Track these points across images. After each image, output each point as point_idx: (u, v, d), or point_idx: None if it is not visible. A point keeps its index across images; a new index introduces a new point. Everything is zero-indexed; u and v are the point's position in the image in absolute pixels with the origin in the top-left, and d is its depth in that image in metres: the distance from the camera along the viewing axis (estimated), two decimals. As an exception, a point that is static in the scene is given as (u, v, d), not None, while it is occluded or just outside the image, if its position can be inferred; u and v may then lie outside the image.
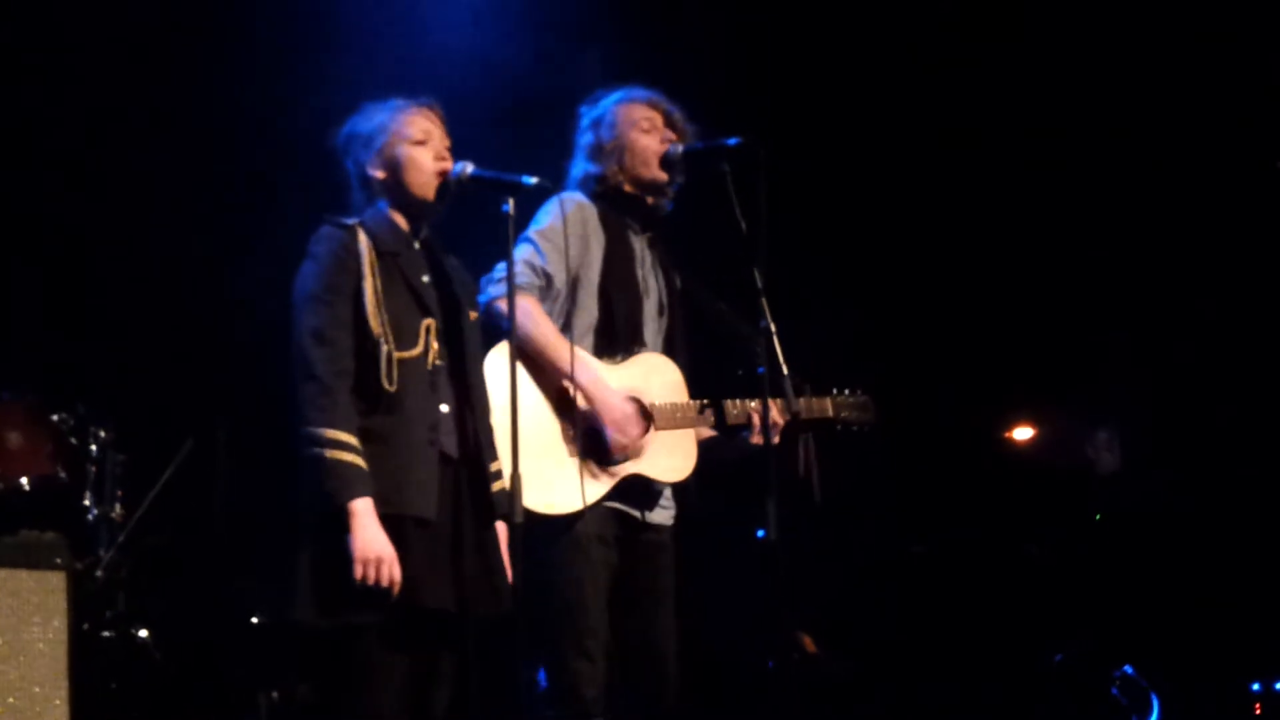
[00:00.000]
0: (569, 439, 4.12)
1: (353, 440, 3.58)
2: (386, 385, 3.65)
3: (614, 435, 4.12)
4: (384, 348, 3.67)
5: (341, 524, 3.53)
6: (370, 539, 3.53)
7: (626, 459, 4.17)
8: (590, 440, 4.13)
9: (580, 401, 4.13)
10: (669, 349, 4.39)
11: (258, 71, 6.22)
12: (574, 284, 4.24)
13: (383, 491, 3.59)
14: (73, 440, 5.54)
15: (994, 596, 7.20)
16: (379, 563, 3.53)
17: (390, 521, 3.58)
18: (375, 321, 3.68)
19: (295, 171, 5.31)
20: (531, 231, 4.22)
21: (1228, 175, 7.07)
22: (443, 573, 3.66)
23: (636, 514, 4.23)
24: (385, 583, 3.54)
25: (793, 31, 6.86)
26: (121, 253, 6.29)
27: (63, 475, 5.40)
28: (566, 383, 4.12)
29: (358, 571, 3.52)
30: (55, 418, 5.49)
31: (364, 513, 3.54)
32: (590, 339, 4.23)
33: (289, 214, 4.85)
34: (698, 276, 4.57)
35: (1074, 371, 7.55)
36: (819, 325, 5.90)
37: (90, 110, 6.21)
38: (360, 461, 3.57)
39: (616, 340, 4.25)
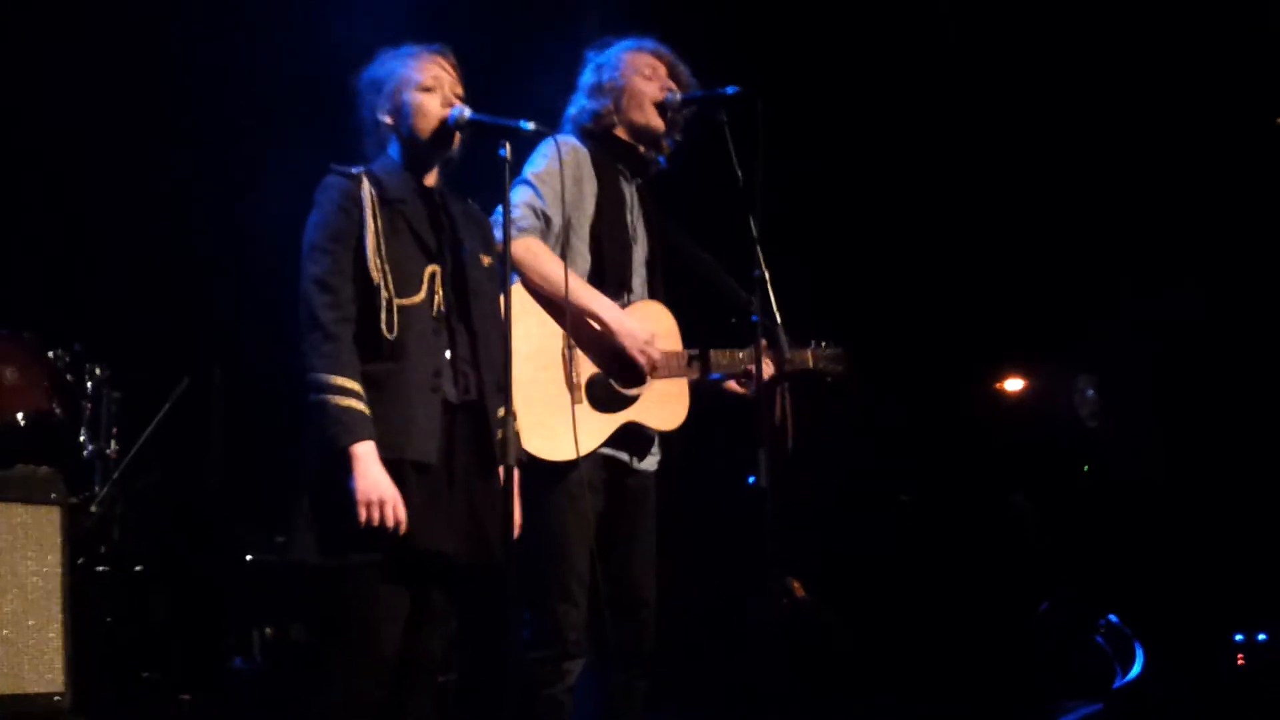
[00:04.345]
0: (573, 385, 4.15)
1: (356, 386, 3.60)
2: (386, 332, 3.67)
3: (639, 356, 4.14)
4: (383, 294, 3.68)
5: (344, 468, 3.56)
6: (373, 481, 3.56)
7: (651, 380, 4.18)
8: (607, 372, 4.15)
9: (589, 335, 4.11)
10: (654, 297, 4.39)
11: (262, 6, 6.21)
12: (566, 227, 4.24)
13: (384, 436, 3.61)
14: (69, 377, 5.56)
15: (980, 545, 7.25)
16: (382, 504, 3.56)
17: (390, 466, 3.60)
18: (374, 269, 3.68)
19: (298, 112, 5.32)
20: (528, 173, 4.21)
21: (1217, 126, 7.07)
22: (439, 518, 3.68)
23: (627, 459, 4.27)
24: (390, 523, 3.57)
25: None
26: (120, 190, 6.28)
27: (58, 411, 5.41)
28: (584, 317, 4.13)
29: (361, 514, 3.55)
30: (51, 354, 5.50)
31: (366, 456, 3.57)
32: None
33: (290, 155, 4.86)
34: (684, 228, 4.58)
35: (1063, 323, 7.56)
36: (810, 276, 5.90)
37: (92, 47, 6.20)
38: (363, 407, 3.59)
39: (606, 286, 4.24)
